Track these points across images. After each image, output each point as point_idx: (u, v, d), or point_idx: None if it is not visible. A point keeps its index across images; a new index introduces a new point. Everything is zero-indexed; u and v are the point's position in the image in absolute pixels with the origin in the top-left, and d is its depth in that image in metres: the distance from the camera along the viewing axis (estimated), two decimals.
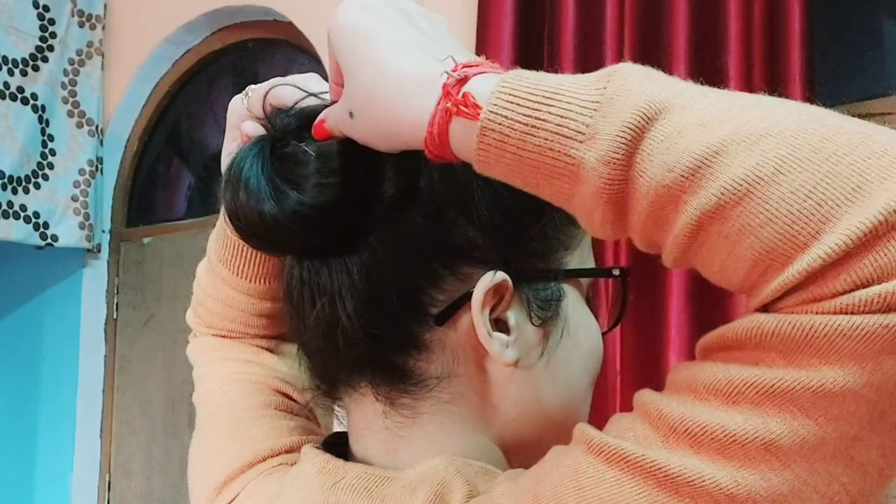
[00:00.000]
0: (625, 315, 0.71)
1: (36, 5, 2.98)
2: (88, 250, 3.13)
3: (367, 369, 0.65)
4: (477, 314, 0.61)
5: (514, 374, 0.63)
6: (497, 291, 0.62)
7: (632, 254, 1.83)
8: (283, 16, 2.76)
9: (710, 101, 0.50)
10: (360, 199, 0.61)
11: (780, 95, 0.51)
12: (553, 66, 2.03)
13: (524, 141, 0.51)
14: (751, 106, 0.49)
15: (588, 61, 1.97)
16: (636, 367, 1.86)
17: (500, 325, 0.62)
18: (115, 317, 3.18)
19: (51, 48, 3.01)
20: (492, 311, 0.62)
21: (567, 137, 0.50)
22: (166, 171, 3.26)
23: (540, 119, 0.51)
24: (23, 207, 2.92)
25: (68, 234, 3.02)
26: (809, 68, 1.74)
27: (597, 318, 0.69)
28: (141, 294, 3.13)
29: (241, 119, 0.70)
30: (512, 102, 0.52)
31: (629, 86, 0.51)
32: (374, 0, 0.58)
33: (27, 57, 2.95)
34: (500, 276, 0.61)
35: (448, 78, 0.54)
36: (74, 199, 3.04)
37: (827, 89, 1.88)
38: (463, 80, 0.54)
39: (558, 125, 0.51)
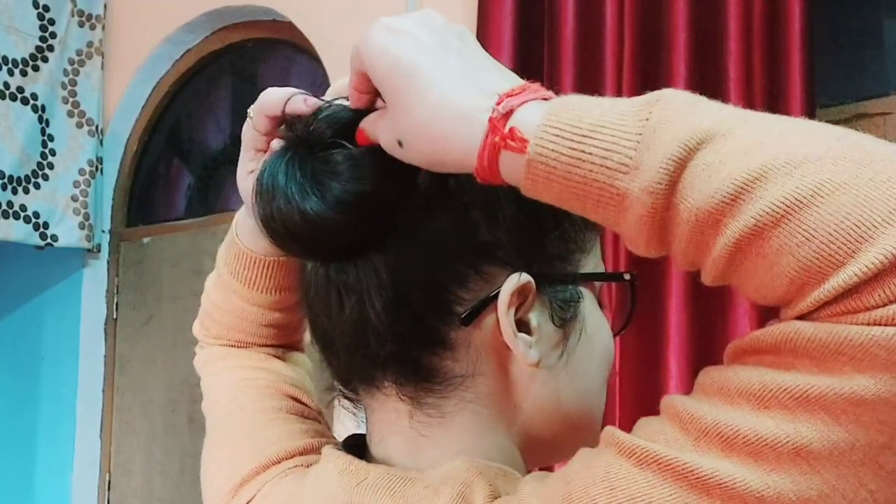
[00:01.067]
0: (633, 319, 0.72)
1: (36, 5, 2.98)
2: (88, 250, 3.12)
3: (392, 368, 0.65)
4: (503, 315, 0.63)
5: (535, 374, 0.65)
6: (521, 293, 0.63)
7: (632, 256, 1.83)
8: (283, 16, 2.76)
9: (751, 127, 0.52)
10: (398, 190, 0.62)
11: (779, 95, 0.52)
12: (553, 67, 2.03)
13: (570, 172, 0.53)
14: (790, 131, 0.51)
15: (588, 61, 1.97)
16: (636, 367, 1.86)
17: (522, 325, 0.64)
18: (115, 317, 3.18)
19: (51, 48, 3.01)
20: (515, 311, 0.63)
21: (612, 170, 0.52)
22: (166, 171, 3.26)
23: (585, 152, 0.53)
24: (23, 207, 2.92)
25: (68, 234, 3.02)
26: (809, 68, 1.74)
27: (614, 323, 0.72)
28: (141, 294, 3.13)
29: (255, 141, 0.71)
30: (557, 136, 0.54)
31: (671, 116, 0.52)
32: (402, 22, 0.59)
33: (27, 57, 2.95)
34: (526, 277, 0.63)
35: (494, 112, 0.55)
36: (74, 199, 3.04)
37: (827, 89, 1.88)
38: (508, 114, 0.55)
39: (603, 158, 0.53)
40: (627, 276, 0.71)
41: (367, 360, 0.66)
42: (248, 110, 0.71)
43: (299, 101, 0.66)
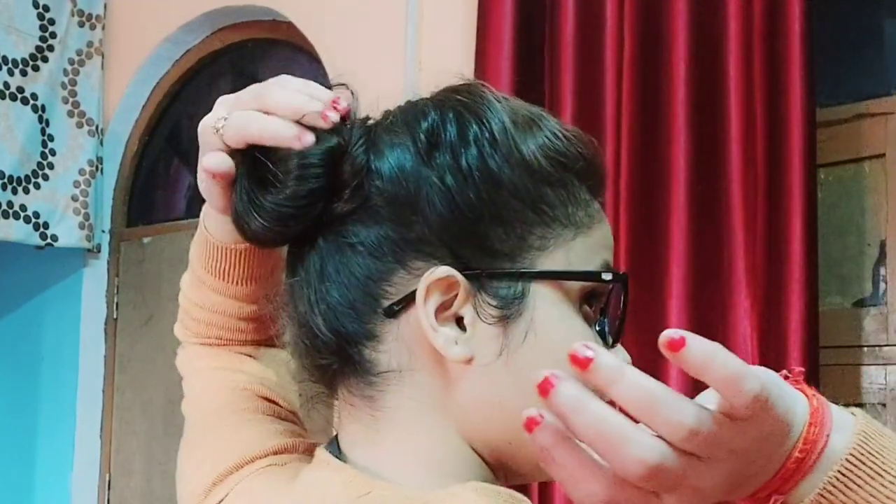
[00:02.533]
0: (624, 324, 0.70)
1: (36, 5, 2.97)
2: (88, 250, 3.12)
3: (335, 362, 0.68)
4: (420, 307, 0.64)
5: (468, 371, 0.65)
6: (449, 288, 0.64)
7: (632, 256, 1.83)
8: (283, 16, 2.76)
9: None
10: (322, 196, 0.66)
11: (779, 95, 0.52)
12: (553, 67, 2.03)
13: None
14: None
15: (588, 61, 1.97)
16: (636, 367, 1.86)
17: (459, 321, 0.65)
18: (115, 316, 3.18)
19: (51, 48, 3.01)
20: (447, 307, 0.64)
21: None
22: (166, 171, 3.26)
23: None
24: (23, 207, 2.92)
25: (68, 234, 3.02)
26: (809, 68, 1.73)
27: (608, 326, 0.69)
28: (141, 294, 3.13)
29: (213, 146, 0.72)
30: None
31: None
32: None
33: (27, 57, 2.95)
34: (444, 270, 0.64)
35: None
36: (74, 199, 3.04)
37: (827, 89, 1.88)
38: None
39: None
40: (607, 276, 0.68)
41: (317, 355, 0.68)
42: (219, 123, 0.71)
43: (257, 132, 0.69)
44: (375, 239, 0.66)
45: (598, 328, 0.69)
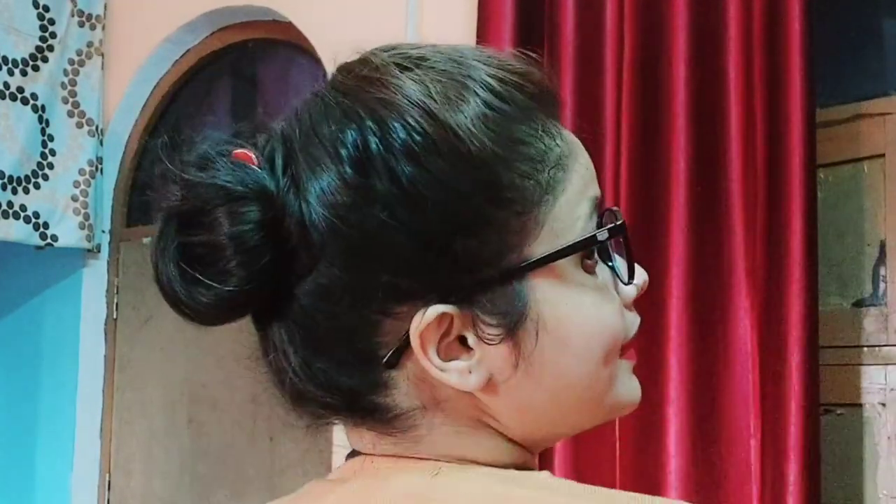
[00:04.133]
0: (633, 269, 0.64)
1: (36, 5, 2.97)
2: (88, 250, 3.12)
3: (344, 413, 0.63)
4: (421, 357, 0.58)
5: (492, 391, 0.60)
6: (441, 323, 0.58)
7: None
8: (283, 16, 2.76)
9: None
10: (272, 277, 0.59)
11: (779, 95, 0.51)
12: (553, 67, 2.03)
13: None
14: None
15: (588, 61, 1.97)
16: (635, 367, 1.86)
17: (462, 341, 0.59)
18: (115, 317, 3.18)
19: (51, 48, 3.01)
20: (446, 336, 0.59)
21: None
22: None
23: None
24: (23, 207, 2.92)
25: (68, 234, 3.02)
26: (809, 68, 1.73)
27: (624, 271, 0.63)
28: (141, 294, 3.12)
29: None
30: None
31: None
32: None
33: (27, 57, 2.95)
34: (432, 313, 0.58)
35: None
36: (74, 199, 3.03)
37: (827, 89, 1.88)
38: None
39: None
40: (602, 236, 0.61)
41: (321, 409, 0.63)
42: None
43: None
44: (343, 297, 0.58)
45: (611, 266, 0.63)
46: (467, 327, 0.59)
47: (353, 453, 0.66)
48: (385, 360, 0.59)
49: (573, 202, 0.61)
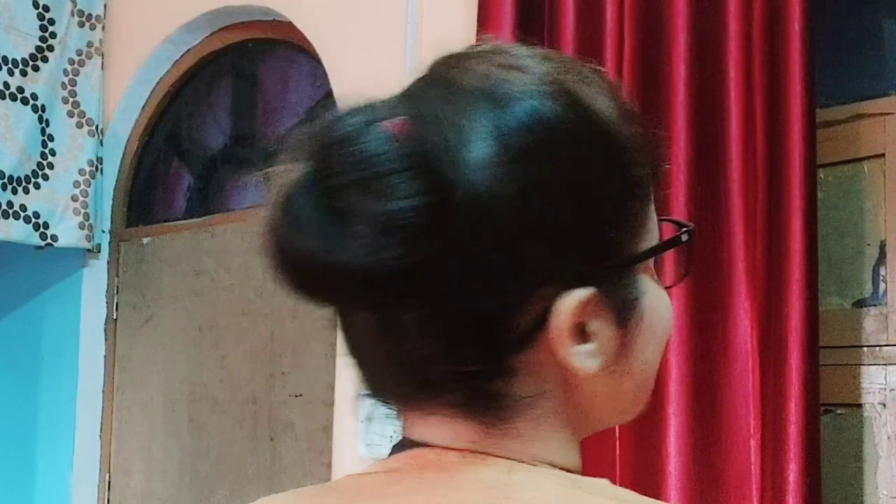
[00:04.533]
0: (687, 271, 0.70)
1: (36, 5, 2.98)
2: (88, 250, 3.13)
3: (453, 398, 0.61)
4: (563, 340, 0.60)
5: (599, 378, 0.62)
6: (585, 307, 0.60)
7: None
8: (283, 16, 2.76)
9: None
10: (428, 243, 0.57)
11: (779, 96, 0.52)
12: None
13: None
14: None
15: (588, 61, 1.97)
16: None
17: (581, 328, 0.61)
18: (115, 317, 3.18)
19: (51, 48, 3.01)
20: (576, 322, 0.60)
21: None
22: (166, 171, 3.26)
23: None
24: (23, 207, 2.92)
25: (68, 234, 3.02)
26: (809, 68, 1.73)
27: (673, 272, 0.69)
28: (141, 294, 3.13)
29: None
30: None
31: None
32: None
33: (27, 57, 2.95)
34: (582, 294, 0.59)
35: None
36: (74, 199, 3.04)
37: (827, 89, 1.88)
38: None
39: None
40: (685, 237, 0.68)
41: (425, 394, 0.62)
42: None
43: None
44: (489, 278, 0.58)
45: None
46: (598, 313, 0.61)
47: (406, 444, 0.65)
48: (519, 341, 0.60)
49: (652, 223, 0.66)
